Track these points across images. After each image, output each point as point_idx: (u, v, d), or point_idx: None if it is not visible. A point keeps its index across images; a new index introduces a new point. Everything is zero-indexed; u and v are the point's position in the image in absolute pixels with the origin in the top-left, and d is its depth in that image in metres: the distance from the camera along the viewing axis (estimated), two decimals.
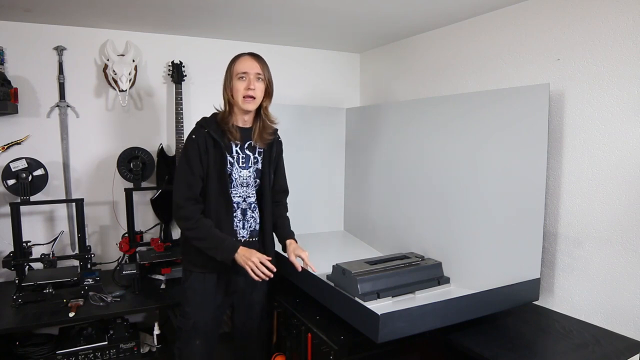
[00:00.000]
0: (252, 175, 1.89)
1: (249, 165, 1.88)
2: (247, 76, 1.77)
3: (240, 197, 1.88)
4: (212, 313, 1.91)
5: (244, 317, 2.01)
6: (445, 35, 2.56)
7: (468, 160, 2.08)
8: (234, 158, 1.84)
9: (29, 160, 2.33)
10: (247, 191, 1.89)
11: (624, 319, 1.74)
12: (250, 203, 1.91)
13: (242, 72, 1.77)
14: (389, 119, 2.63)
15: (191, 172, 1.76)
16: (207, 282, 1.87)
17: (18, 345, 2.15)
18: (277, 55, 3.13)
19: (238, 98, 1.78)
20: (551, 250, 1.98)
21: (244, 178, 1.87)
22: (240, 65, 1.78)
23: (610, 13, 1.75)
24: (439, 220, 2.22)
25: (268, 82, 1.83)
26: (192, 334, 1.88)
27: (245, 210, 1.90)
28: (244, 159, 1.87)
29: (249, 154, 1.88)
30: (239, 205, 1.87)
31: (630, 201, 1.72)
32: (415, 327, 1.54)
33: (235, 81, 1.78)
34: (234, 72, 1.79)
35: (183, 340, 1.90)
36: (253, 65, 1.79)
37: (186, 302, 1.89)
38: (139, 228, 2.72)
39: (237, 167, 1.85)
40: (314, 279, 1.92)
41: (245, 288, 1.96)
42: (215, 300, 1.90)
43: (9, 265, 2.24)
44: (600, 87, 1.79)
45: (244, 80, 1.77)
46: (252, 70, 1.78)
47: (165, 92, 2.85)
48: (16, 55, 2.46)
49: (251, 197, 1.91)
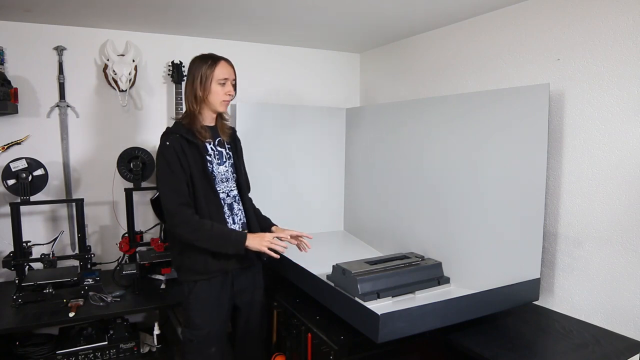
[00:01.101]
0: (229, 169, 1.95)
1: (224, 161, 1.94)
2: (227, 82, 1.86)
3: (224, 193, 1.92)
4: (223, 319, 1.91)
5: (247, 315, 2.02)
6: (445, 35, 2.56)
7: (468, 160, 2.08)
8: (210, 155, 1.89)
9: (29, 160, 2.33)
10: (229, 185, 1.94)
11: (624, 319, 1.74)
12: (234, 196, 1.96)
13: (223, 78, 1.85)
14: (389, 119, 2.63)
15: (175, 177, 1.76)
16: (213, 288, 1.86)
17: (18, 345, 2.15)
18: (277, 55, 3.13)
19: (216, 101, 1.85)
20: (551, 250, 1.98)
21: (222, 173, 1.92)
22: (221, 71, 1.85)
23: (610, 13, 1.75)
24: (439, 221, 2.22)
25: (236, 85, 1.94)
26: (207, 343, 1.86)
27: (231, 204, 1.94)
28: (218, 155, 1.93)
29: (222, 150, 1.95)
30: (224, 200, 1.91)
31: (630, 201, 1.72)
32: (415, 327, 1.54)
33: (215, 85, 1.84)
34: (215, 77, 1.84)
35: (195, 352, 1.86)
36: (231, 72, 1.89)
37: (194, 314, 1.85)
38: (139, 228, 2.72)
39: (216, 163, 1.90)
40: (314, 279, 1.92)
41: (249, 286, 1.98)
42: (224, 305, 1.90)
43: (9, 265, 2.24)
44: (600, 87, 1.79)
45: (224, 86, 1.86)
46: (231, 76, 1.88)
47: (165, 92, 2.85)
48: (16, 55, 2.46)
49: (233, 190, 1.96)
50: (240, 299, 1.98)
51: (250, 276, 1.98)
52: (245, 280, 1.95)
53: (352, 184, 3.02)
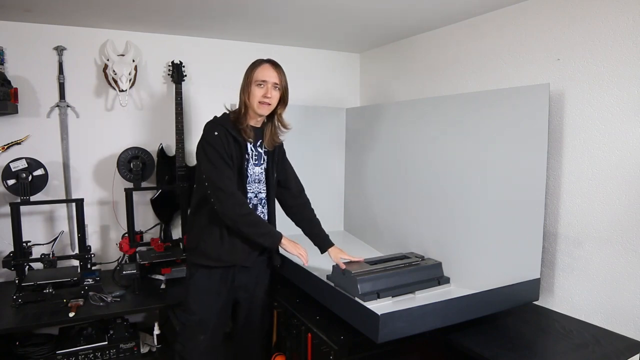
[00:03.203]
0: (263, 172, 1.97)
1: (260, 163, 1.96)
2: (265, 84, 1.84)
3: (253, 193, 1.95)
4: (217, 310, 1.94)
5: (247, 312, 2.04)
6: (445, 35, 2.56)
7: (468, 160, 2.07)
8: (249, 155, 1.92)
9: (29, 160, 2.33)
10: (259, 187, 1.97)
11: (624, 319, 1.74)
12: (261, 199, 1.99)
13: (261, 80, 1.84)
14: (389, 119, 2.63)
15: (225, 165, 1.81)
16: (212, 278, 1.91)
17: (18, 345, 2.15)
18: (277, 55, 3.08)
19: (254, 102, 1.84)
20: (551, 250, 1.98)
21: (256, 175, 1.95)
22: (260, 73, 1.85)
23: (610, 13, 1.75)
24: (439, 220, 2.22)
25: (284, 90, 1.91)
26: (197, 329, 1.91)
27: (256, 205, 1.97)
28: (257, 157, 1.95)
29: (261, 152, 1.96)
30: (251, 200, 1.94)
31: (630, 201, 1.72)
32: (415, 327, 1.54)
33: (254, 87, 1.84)
34: (254, 79, 1.85)
35: (186, 335, 1.92)
36: (272, 75, 1.86)
37: (191, 299, 1.92)
38: (139, 228, 2.73)
39: (252, 163, 1.93)
40: (314, 279, 1.92)
41: (249, 284, 2.00)
42: (220, 297, 1.94)
43: (9, 265, 2.24)
44: (600, 87, 1.79)
45: (262, 88, 1.84)
46: (270, 79, 1.85)
47: (165, 92, 2.85)
48: (16, 55, 2.46)
49: (262, 192, 1.98)
50: (241, 294, 2.00)
51: (253, 275, 2.00)
52: (247, 277, 1.98)
53: (352, 184, 3.02)
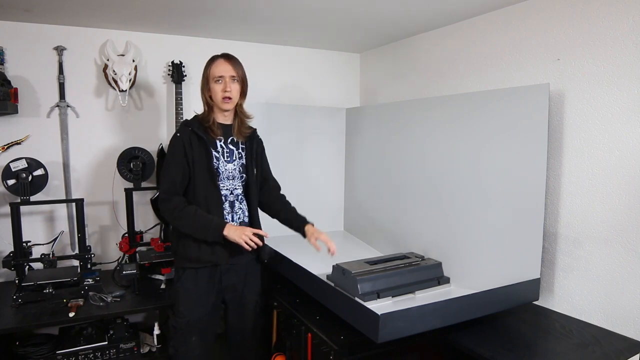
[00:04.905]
0: (238, 169, 1.98)
1: (233, 159, 1.97)
2: (223, 79, 1.88)
3: (228, 190, 1.96)
4: (207, 311, 1.94)
5: (236, 314, 2.03)
6: (445, 35, 2.56)
7: (468, 160, 2.08)
8: (219, 152, 1.93)
9: (29, 160, 2.33)
10: (234, 184, 1.97)
11: (624, 319, 1.74)
12: (238, 195, 1.99)
13: (218, 76, 1.88)
14: (389, 119, 2.63)
15: (174, 167, 1.86)
16: (200, 279, 1.91)
17: (18, 345, 2.15)
18: (277, 55, 3.13)
19: (217, 99, 1.89)
20: (551, 250, 1.98)
21: (229, 171, 1.95)
22: (216, 69, 1.89)
23: (610, 13, 1.75)
24: (439, 220, 2.22)
25: (242, 81, 1.94)
26: (187, 331, 1.91)
27: (233, 202, 1.97)
28: (228, 153, 1.96)
29: (233, 148, 1.98)
30: (226, 197, 1.95)
31: (630, 201, 1.72)
32: (415, 327, 1.54)
33: (213, 84, 1.89)
34: (211, 76, 1.89)
35: (178, 338, 1.93)
36: (227, 69, 1.89)
37: (180, 302, 1.93)
38: (139, 228, 2.73)
39: (223, 160, 1.94)
40: (314, 279, 1.92)
41: (237, 284, 1.99)
42: (209, 298, 1.93)
43: (9, 265, 2.24)
44: (600, 87, 1.79)
45: (220, 83, 1.88)
46: (227, 73, 1.88)
47: (165, 92, 2.85)
48: (16, 55, 2.46)
49: (238, 189, 1.99)
50: (230, 296, 2.00)
51: (241, 274, 1.99)
52: (234, 278, 1.97)
53: (352, 184, 3.02)
